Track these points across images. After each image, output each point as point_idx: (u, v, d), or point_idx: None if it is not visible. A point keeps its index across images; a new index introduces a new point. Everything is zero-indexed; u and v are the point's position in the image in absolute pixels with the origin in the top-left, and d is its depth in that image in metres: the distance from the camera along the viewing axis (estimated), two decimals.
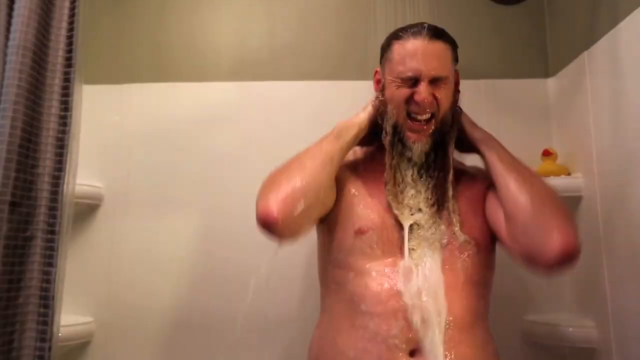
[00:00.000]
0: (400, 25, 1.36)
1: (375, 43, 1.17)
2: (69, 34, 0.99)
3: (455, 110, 1.02)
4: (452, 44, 1.01)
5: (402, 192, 0.96)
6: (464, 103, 1.43)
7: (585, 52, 1.25)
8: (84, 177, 1.30)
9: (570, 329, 1.22)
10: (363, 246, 0.93)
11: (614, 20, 1.11)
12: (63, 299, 0.93)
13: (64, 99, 0.96)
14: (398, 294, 0.88)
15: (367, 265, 0.92)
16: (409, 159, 0.97)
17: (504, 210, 0.91)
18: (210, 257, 1.37)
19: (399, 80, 0.96)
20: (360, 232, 0.94)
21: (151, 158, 1.42)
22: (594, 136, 1.21)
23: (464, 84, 1.43)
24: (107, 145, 1.42)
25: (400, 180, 0.97)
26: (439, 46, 0.97)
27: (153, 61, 1.48)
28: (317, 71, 1.47)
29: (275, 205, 0.85)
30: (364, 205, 0.97)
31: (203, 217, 1.39)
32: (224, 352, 1.33)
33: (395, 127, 0.97)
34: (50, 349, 0.88)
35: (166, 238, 1.38)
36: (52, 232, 0.92)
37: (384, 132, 0.99)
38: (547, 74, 1.46)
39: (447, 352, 0.85)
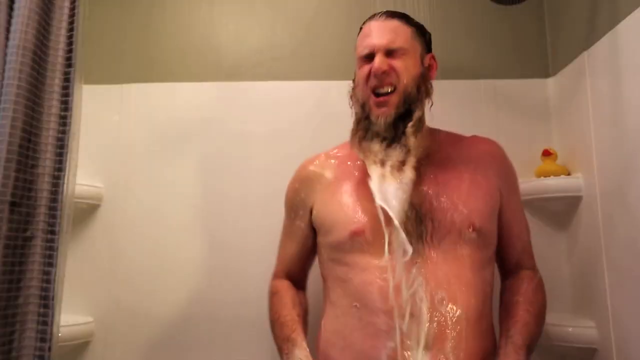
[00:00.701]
0: None
1: None
2: (69, 34, 0.98)
3: (426, 87, 1.02)
4: (414, 24, 1.03)
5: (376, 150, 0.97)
6: (464, 103, 1.43)
7: (585, 52, 1.25)
8: (84, 177, 1.30)
9: (570, 329, 1.22)
10: (361, 245, 0.94)
11: (614, 20, 1.11)
12: (63, 299, 0.93)
13: (64, 99, 0.96)
14: (401, 290, 0.87)
15: (369, 263, 0.92)
16: (376, 133, 0.97)
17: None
18: (211, 256, 1.37)
19: (360, 62, 1.01)
20: (355, 234, 0.94)
21: (151, 158, 1.42)
22: (594, 136, 1.21)
23: (464, 84, 1.45)
24: (107, 145, 1.42)
25: (370, 138, 0.97)
26: (394, 22, 1.01)
27: (153, 61, 1.48)
28: (317, 71, 1.47)
29: None
30: (354, 206, 0.98)
31: (203, 216, 1.39)
32: (224, 351, 1.33)
33: (363, 107, 1.00)
34: (50, 349, 0.88)
35: (166, 238, 1.38)
36: (52, 232, 0.92)
37: (354, 115, 1.03)
38: (547, 74, 1.46)
39: (455, 345, 0.85)
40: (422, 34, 1.05)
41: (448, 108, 1.43)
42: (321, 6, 1.52)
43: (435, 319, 0.85)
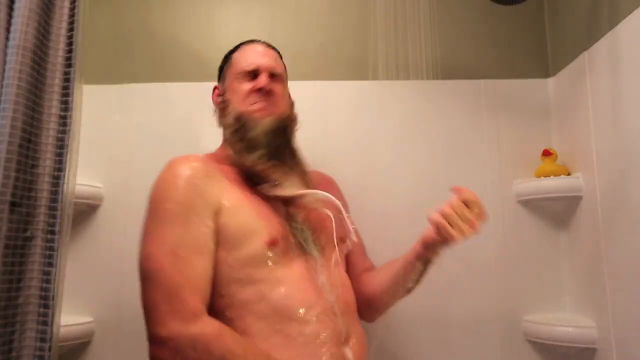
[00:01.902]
0: (400, 25, 1.37)
1: (375, 43, 1.17)
2: (69, 34, 0.98)
3: (295, 119, 1.09)
4: (284, 64, 1.13)
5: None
6: (464, 103, 1.44)
7: (585, 52, 1.25)
8: (84, 177, 1.30)
9: (570, 329, 1.22)
10: (275, 257, 0.89)
11: (614, 20, 1.11)
12: (63, 299, 0.93)
13: (64, 99, 0.96)
14: (320, 295, 0.90)
15: (285, 275, 0.89)
16: (254, 144, 0.97)
17: (377, 290, 1.03)
18: None
19: (241, 75, 1.04)
20: (272, 244, 0.88)
21: (151, 158, 1.41)
22: (594, 136, 1.21)
23: (464, 84, 1.45)
24: (107, 145, 1.41)
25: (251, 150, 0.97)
26: (275, 52, 1.11)
27: (153, 61, 1.48)
28: (317, 71, 1.47)
29: None
30: (265, 213, 0.93)
31: None
32: None
33: (238, 118, 1.00)
34: (50, 349, 0.88)
35: None
36: (52, 232, 0.92)
37: (227, 128, 1.02)
38: (547, 74, 1.46)
39: (359, 333, 0.95)
40: (286, 71, 1.14)
41: (448, 108, 1.44)
42: (321, 6, 1.52)
43: (345, 314, 0.93)
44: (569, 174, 1.31)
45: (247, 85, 1.02)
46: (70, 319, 1.25)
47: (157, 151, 1.42)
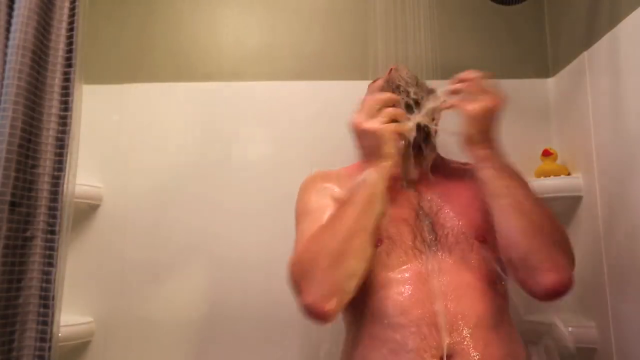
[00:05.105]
0: (400, 25, 1.36)
1: (375, 43, 1.17)
2: (69, 34, 0.98)
3: None
4: None
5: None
6: None
7: (585, 52, 1.25)
8: (84, 177, 1.30)
9: (570, 329, 1.22)
10: (380, 256, 0.87)
11: (614, 20, 1.11)
12: (63, 299, 0.93)
13: (64, 99, 0.96)
14: (421, 301, 0.83)
15: (387, 275, 0.86)
16: None
17: (498, 237, 0.85)
18: (211, 256, 1.37)
19: None
20: (378, 242, 0.87)
21: (151, 158, 1.42)
22: (594, 136, 1.21)
23: None
24: (107, 145, 1.42)
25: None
26: None
27: (153, 61, 1.48)
28: (317, 71, 1.47)
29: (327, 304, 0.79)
30: None
31: (203, 216, 1.38)
32: (224, 352, 1.33)
33: None
34: (50, 349, 0.88)
35: (166, 237, 1.38)
36: (52, 232, 0.92)
37: None
38: (547, 74, 1.46)
39: (476, 354, 0.80)
40: None
41: None
42: (321, 6, 1.52)
43: (454, 329, 0.81)
44: (569, 174, 1.31)
45: None
46: (70, 319, 1.25)
47: (156, 151, 1.42)
